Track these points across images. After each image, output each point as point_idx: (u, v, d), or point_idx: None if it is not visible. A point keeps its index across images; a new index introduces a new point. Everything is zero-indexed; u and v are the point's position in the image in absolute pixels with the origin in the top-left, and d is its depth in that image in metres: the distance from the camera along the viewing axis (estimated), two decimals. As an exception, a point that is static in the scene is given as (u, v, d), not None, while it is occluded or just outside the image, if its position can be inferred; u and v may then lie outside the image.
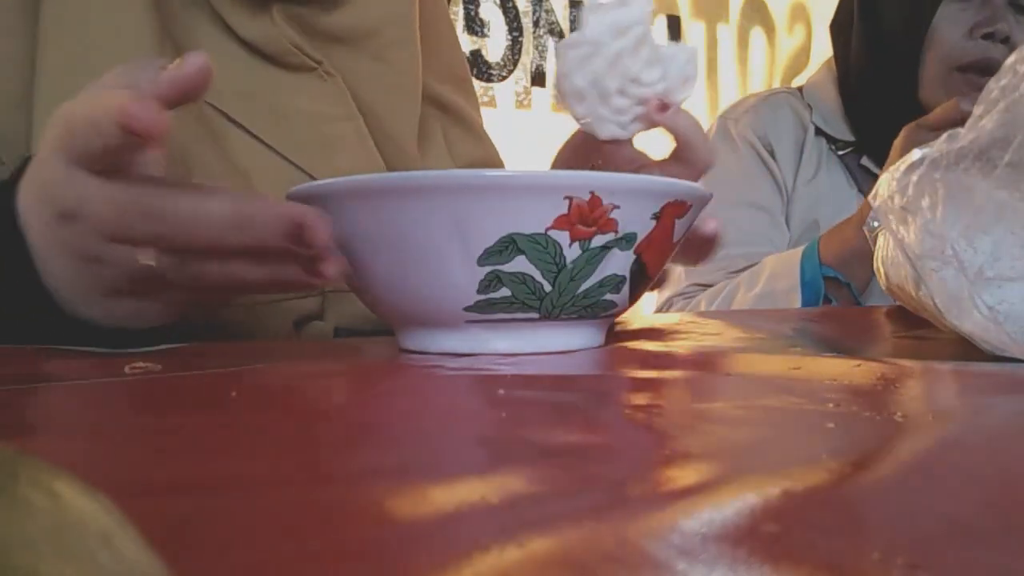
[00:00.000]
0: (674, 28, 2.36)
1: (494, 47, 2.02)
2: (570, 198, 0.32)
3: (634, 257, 0.35)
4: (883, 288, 0.47)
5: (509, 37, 2.05)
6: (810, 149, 1.10)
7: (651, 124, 0.45)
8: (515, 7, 2.06)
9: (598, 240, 0.33)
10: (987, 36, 0.94)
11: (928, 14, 0.97)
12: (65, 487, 0.09)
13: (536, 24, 2.10)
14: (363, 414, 0.25)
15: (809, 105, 1.12)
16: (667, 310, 1.08)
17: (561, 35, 2.11)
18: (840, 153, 1.10)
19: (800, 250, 0.94)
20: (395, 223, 0.34)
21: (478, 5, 1.99)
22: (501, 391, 0.28)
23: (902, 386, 0.29)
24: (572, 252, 0.33)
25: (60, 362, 0.37)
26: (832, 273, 0.90)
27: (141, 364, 0.34)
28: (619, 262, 0.35)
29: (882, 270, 0.46)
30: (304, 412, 0.26)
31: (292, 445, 0.22)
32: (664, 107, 0.44)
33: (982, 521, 0.15)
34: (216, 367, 0.34)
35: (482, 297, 0.35)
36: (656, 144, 0.49)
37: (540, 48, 2.10)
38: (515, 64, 2.07)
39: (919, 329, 0.46)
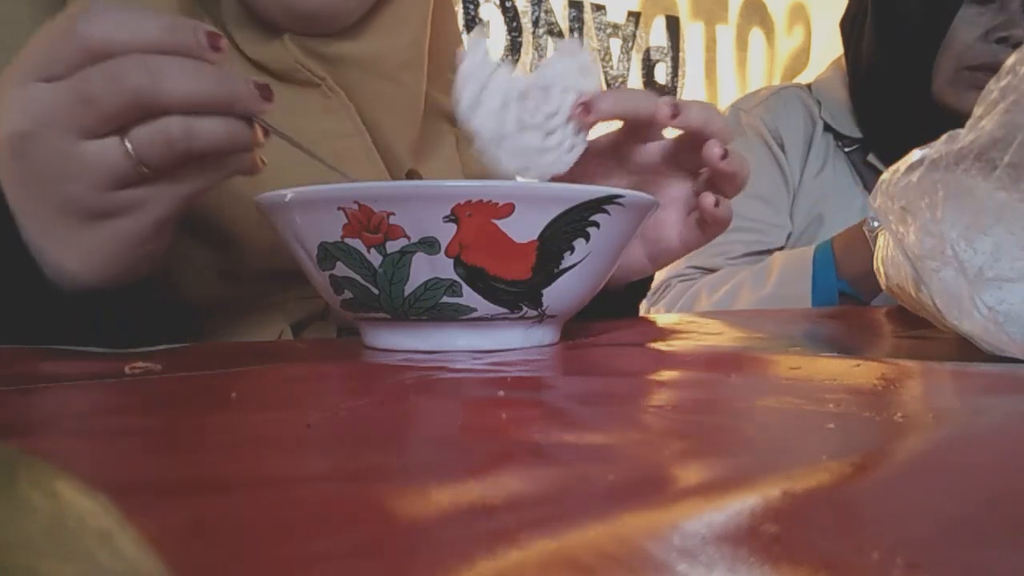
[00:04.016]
0: (673, 29, 2.36)
1: (493, 47, 2.03)
2: (343, 209, 0.34)
3: (451, 260, 0.35)
4: (883, 288, 0.47)
5: (508, 37, 2.06)
6: (818, 144, 1.11)
7: (590, 126, 0.47)
8: (514, 7, 2.06)
9: (393, 246, 0.35)
10: (1001, 40, 0.95)
11: (949, 15, 0.97)
12: (65, 487, 0.09)
13: (535, 24, 2.10)
14: (363, 414, 0.25)
15: (818, 101, 1.13)
16: (664, 290, 1.08)
17: (561, 35, 2.11)
18: (847, 150, 1.10)
19: (809, 254, 0.93)
20: (281, 233, 0.39)
21: (478, 5, 1.99)
22: (501, 392, 0.28)
23: (902, 386, 0.29)
24: (375, 258, 0.35)
25: (60, 362, 0.37)
26: (850, 291, 0.89)
27: (141, 364, 0.34)
28: (434, 266, 0.35)
29: (882, 270, 0.46)
30: (304, 412, 0.26)
31: (292, 445, 0.22)
32: (586, 109, 0.45)
33: (982, 521, 0.15)
34: (216, 367, 0.34)
35: (340, 298, 0.38)
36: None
37: (539, 48, 2.10)
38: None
39: (919, 329, 0.46)
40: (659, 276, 1.11)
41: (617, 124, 0.51)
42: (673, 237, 0.53)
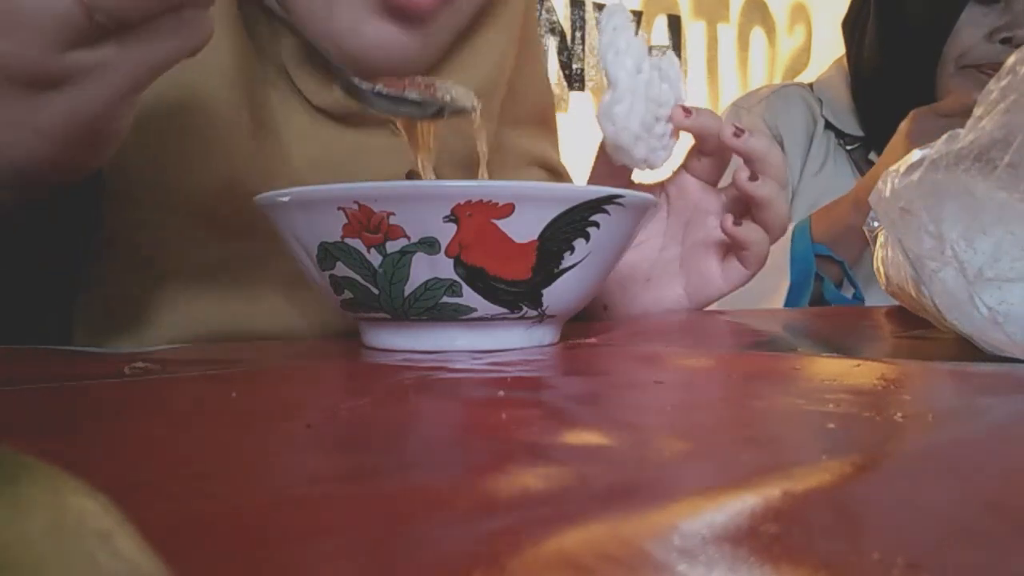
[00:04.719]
0: (674, 28, 2.36)
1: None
2: (343, 209, 0.34)
3: (451, 260, 0.35)
4: (883, 288, 0.47)
5: (509, 37, 2.05)
6: (819, 142, 1.11)
7: (678, 133, 0.49)
8: (515, 7, 2.05)
9: (393, 246, 0.35)
10: (1006, 40, 0.95)
11: (953, 16, 0.97)
12: (65, 487, 0.09)
13: (536, 23, 2.10)
14: (363, 414, 0.25)
15: (820, 99, 1.13)
16: None
17: (562, 35, 2.11)
18: (848, 148, 1.11)
19: (791, 227, 0.94)
20: (279, 233, 0.39)
21: (478, 5, 1.99)
22: (501, 392, 0.28)
23: (902, 386, 0.29)
24: (375, 258, 0.35)
25: (60, 362, 0.37)
26: (824, 251, 0.90)
27: (141, 364, 0.34)
28: (435, 266, 0.35)
29: (882, 270, 0.46)
30: (304, 412, 0.26)
31: (292, 445, 0.22)
32: (687, 112, 0.48)
33: (982, 521, 0.15)
34: (216, 367, 0.34)
35: (340, 298, 0.38)
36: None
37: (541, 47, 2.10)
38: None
39: (919, 329, 0.46)
40: None
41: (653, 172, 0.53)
42: (716, 275, 0.53)
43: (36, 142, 0.31)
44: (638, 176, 0.53)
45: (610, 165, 0.51)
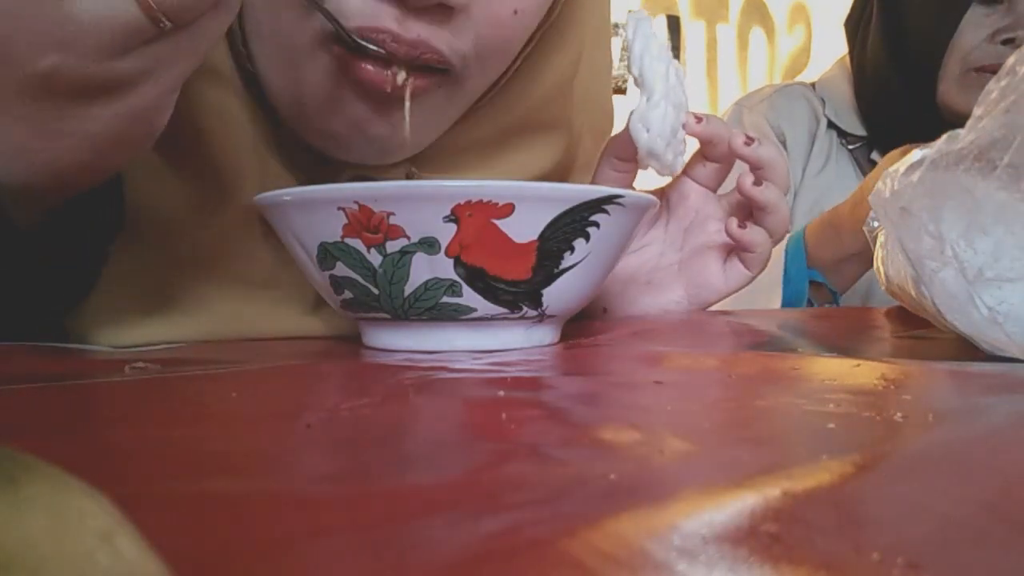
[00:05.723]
0: (674, 28, 2.36)
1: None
2: (343, 209, 0.34)
3: (451, 260, 0.35)
4: (883, 288, 0.47)
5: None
6: (821, 141, 1.12)
7: (685, 139, 0.49)
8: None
9: (393, 246, 0.35)
10: (1008, 41, 0.95)
11: (956, 17, 0.98)
12: (65, 487, 0.09)
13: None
14: (363, 414, 0.25)
15: (822, 99, 1.13)
16: None
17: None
18: (851, 147, 1.11)
19: (783, 242, 0.93)
20: (280, 234, 0.39)
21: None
22: (501, 392, 0.28)
23: (902, 386, 0.29)
24: (375, 258, 0.35)
25: (60, 362, 0.37)
26: (819, 278, 0.89)
27: (141, 364, 0.34)
28: (434, 266, 0.35)
29: (882, 270, 0.46)
30: (304, 412, 0.26)
31: (292, 445, 0.22)
32: (698, 119, 0.49)
33: (982, 521, 0.15)
34: (216, 367, 0.34)
35: (340, 298, 0.38)
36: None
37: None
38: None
39: (919, 329, 0.46)
40: None
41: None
42: (717, 277, 0.54)
43: (83, 148, 0.30)
44: (638, 183, 0.53)
45: (614, 168, 0.51)
